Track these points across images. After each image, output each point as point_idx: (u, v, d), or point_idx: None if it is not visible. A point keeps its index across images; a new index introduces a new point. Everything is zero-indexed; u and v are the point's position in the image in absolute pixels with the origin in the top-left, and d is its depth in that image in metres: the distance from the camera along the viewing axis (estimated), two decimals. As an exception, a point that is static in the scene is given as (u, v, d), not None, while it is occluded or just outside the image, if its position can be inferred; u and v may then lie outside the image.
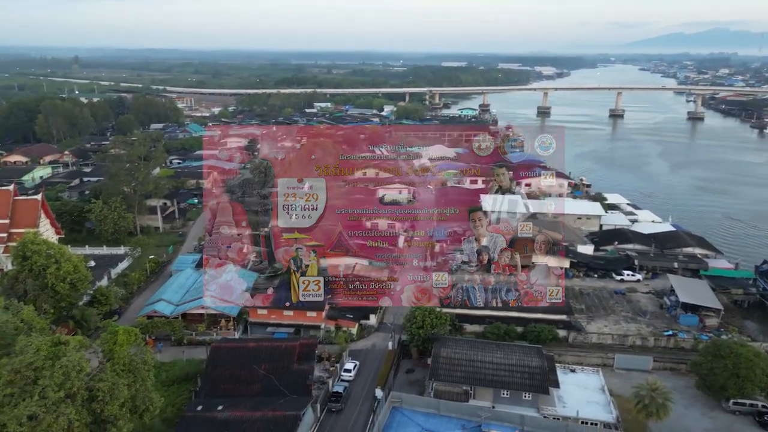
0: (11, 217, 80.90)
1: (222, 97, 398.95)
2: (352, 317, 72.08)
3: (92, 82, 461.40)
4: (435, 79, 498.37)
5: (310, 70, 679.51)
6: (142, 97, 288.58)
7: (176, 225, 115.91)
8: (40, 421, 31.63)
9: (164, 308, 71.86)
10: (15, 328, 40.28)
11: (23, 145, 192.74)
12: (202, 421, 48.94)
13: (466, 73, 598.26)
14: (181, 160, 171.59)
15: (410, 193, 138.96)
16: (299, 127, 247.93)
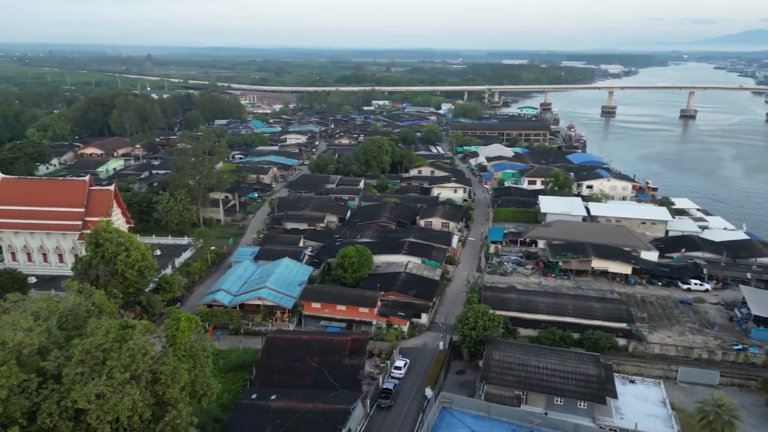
0: (86, 206, 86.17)
1: (283, 95, 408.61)
2: (404, 315, 72.12)
3: (163, 79, 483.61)
4: (495, 77, 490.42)
5: (369, 67, 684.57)
6: (208, 94, 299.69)
7: (237, 218, 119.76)
8: (107, 400, 33.51)
9: (223, 298, 74.47)
10: (87, 311, 42.88)
11: (99, 138, 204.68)
12: (256, 409, 50.40)
13: (528, 70, 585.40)
14: (242, 156, 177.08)
15: (466, 192, 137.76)
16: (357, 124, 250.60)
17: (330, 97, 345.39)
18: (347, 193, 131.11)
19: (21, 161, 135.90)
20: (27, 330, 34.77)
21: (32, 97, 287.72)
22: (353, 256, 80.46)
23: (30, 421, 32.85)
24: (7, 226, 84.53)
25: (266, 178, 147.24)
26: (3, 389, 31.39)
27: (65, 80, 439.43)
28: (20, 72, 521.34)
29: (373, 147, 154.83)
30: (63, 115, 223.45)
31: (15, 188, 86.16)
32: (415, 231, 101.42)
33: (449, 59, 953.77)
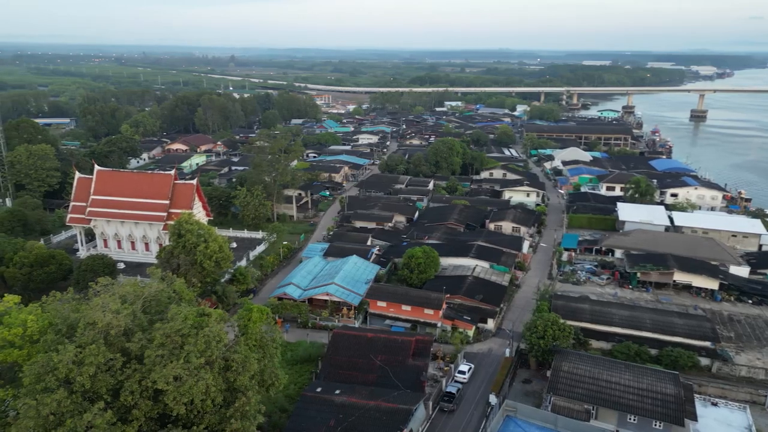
0: (171, 199, 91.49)
1: (357, 95, 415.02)
2: (470, 319, 71.15)
3: (244, 79, 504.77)
4: (574, 78, 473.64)
5: (443, 68, 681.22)
6: (286, 94, 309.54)
7: (308, 215, 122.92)
8: (184, 383, 35.41)
9: (293, 292, 76.65)
10: (168, 297, 45.47)
11: (184, 134, 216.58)
12: (320, 402, 51.48)
13: (610, 72, 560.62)
14: (316, 154, 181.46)
15: (539, 196, 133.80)
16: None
17: (403, 98, 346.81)
18: (416, 194, 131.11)
19: (115, 155, 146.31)
20: (115, 312, 37.32)
21: (127, 96, 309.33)
22: (420, 257, 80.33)
23: (114, 398, 35.25)
24: (101, 215, 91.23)
25: (338, 177, 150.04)
26: (91, 366, 33.88)
27: (157, 80, 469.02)
28: (117, 72, 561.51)
29: (443, 148, 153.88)
30: (153, 112, 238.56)
31: (109, 180, 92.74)
32: (484, 234, 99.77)
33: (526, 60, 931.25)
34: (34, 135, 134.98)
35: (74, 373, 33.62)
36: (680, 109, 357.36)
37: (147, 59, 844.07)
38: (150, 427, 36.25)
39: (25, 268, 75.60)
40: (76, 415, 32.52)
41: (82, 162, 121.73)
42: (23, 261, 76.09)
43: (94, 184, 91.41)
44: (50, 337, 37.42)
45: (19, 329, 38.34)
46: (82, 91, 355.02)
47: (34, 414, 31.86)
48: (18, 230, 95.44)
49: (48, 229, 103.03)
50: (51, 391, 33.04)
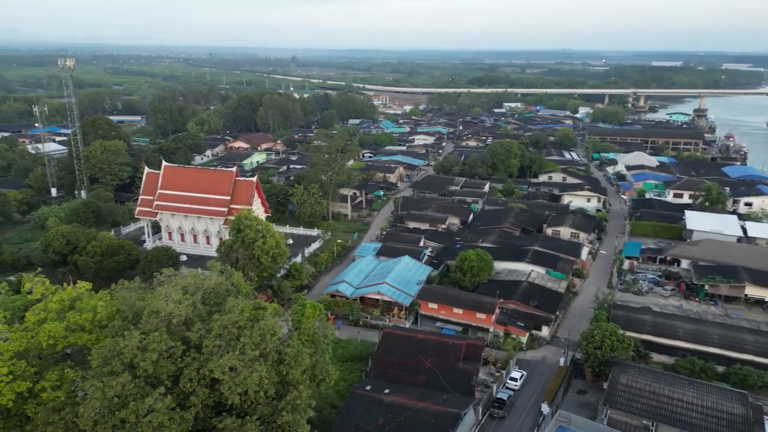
0: (232, 195, 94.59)
1: (414, 96, 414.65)
2: (523, 326, 69.58)
3: (304, 79, 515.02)
4: (641, 79, 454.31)
5: (503, 69, 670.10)
6: (344, 94, 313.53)
7: (363, 214, 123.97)
8: (239, 373, 36.52)
9: (345, 289, 77.54)
10: (226, 290, 46.98)
11: (246, 133, 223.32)
12: (369, 400, 51.78)
13: (681, 73, 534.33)
14: (372, 154, 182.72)
15: (600, 201, 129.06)
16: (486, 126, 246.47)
17: (460, 99, 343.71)
18: (471, 196, 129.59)
19: (181, 151, 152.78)
20: (177, 302, 38.92)
21: (193, 95, 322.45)
22: (473, 260, 79.33)
23: (173, 384, 36.79)
24: (167, 208, 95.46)
25: (392, 177, 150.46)
26: (154, 352, 35.50)
27: (222, 80, 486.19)
28: (185, 72, 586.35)
29: (501, 150, 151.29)
30: (218, 111, 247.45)
31: (175, 175, 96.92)
32: (541, 239, 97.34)
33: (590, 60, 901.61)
34: (109, 131, 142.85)
35: (138, 358, 35.31)
36: (757, 113, 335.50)
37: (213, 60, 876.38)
38: (206, 414, 37.57)
39: (96, 257, 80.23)
40: (138, 398, 34.14)
41: (150, 158, 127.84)
42: (95, 250, 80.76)
43: (161, 179, 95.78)
44: (117, 323, 39.47)
45: (90, 314, 40.63)
46: (153, 90, 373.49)
47: (101, 395, 33.68)
48: (91, 221, 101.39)
49: (118, 220, 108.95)
50: (116, 375, 34.84)
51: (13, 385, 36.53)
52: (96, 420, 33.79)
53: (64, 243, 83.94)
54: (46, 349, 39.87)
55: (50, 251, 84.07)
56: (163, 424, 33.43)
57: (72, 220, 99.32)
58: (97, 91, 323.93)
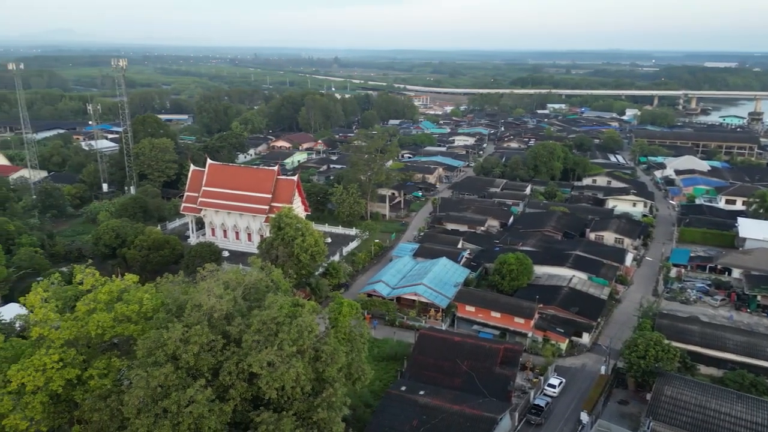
0: (273, 193, 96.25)
1: (455, 96, 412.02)
2: (563, 332, 68.07)
3: (346, 79, 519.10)
4: (693, 81, 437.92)
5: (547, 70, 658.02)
6: (385, 95, 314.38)
7: (400, 214, 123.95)
8: (276, 369, 37.11)
9: (382, 289, 77.68)
10: (266, 286, 47.84)
11: (288, 132, 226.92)
12: (404, 401, 51.74)
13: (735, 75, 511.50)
14: (411, 155, 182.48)
15: (647, 206, 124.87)
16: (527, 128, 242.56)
17: (502, 100, 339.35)
18: (511, 198, 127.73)
19: (225, 150, 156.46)
20: (218, 297, 39.86)
21: (238, 95, 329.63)
22: (512, 264, 78.15)
23: (213, 377, 37.70)
24: (211, 205, 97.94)
25: (431, 178, 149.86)
26: (196, 345, 36.46)
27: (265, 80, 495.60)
28: (231, 72, 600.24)
29: (543, 152, 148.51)
30: (261, 111, 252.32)
31: (219, 173, 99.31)
32: (584, 244, 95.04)
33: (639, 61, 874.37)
34: (157, 129, 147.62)
35: (181, 350, 36.33)
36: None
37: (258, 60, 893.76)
38: (244, 408, 38.33)
39: (143, 250, 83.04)
40: (180, 389, 35.13)
41: (196, 155, 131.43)
42: (142, 244, 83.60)
43: (205, 177, 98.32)
44: (162, 316, 40.72)
45: (136, 306, 42.05)
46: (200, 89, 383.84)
47: (145, 384, 34.82)
48: (139, 216, 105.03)
49: (164, 216, 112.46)
50: (160, 365, 35.94)
51: (63, 372, 38.17)
52: (140, 408, 34.95)
53: (113, 236, 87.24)
54: (95, 338, 41.50)
55: (100, 244, 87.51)
56: (203, 415, 34.28)
57: (121, 214, 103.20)
58: (147, 90, 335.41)
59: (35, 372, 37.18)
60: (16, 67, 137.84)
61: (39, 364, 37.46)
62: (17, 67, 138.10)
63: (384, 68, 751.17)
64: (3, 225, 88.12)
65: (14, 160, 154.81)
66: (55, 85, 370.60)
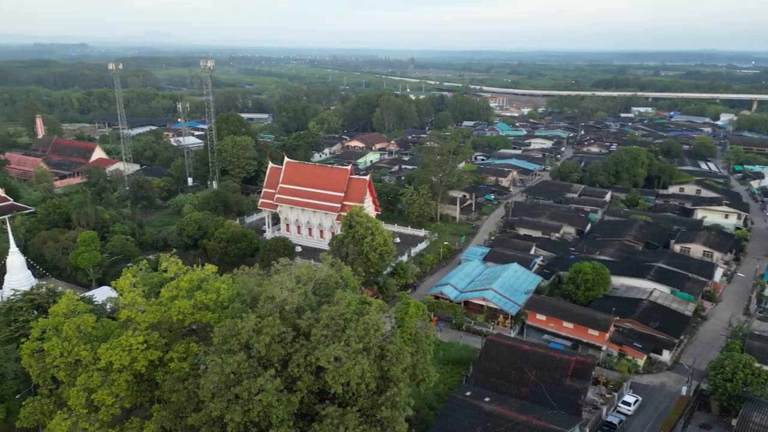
0: (346, 192, 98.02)
1: (533, 98, 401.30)
2: (642, 347, 64.49)
3: (421, 81, 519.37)
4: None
5: (633, 71, 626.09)
6: (460, 96, 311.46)
7: (471, 217, 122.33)
8: (342, 364, 37.68)
9: (450, 292, 77.01)
10: (335, 283, 48.68)
11: (362, 133, 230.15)
12: (468, 406, 50.98)
13: None
14: (484, 157, 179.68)
15: (741, 219, 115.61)
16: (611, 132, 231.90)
17: (583, 102, 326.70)
18: (589, 205, 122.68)
19: (302, 148, 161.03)
20: (290, 290, 41.02)
21: (316, 95, 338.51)
22: (588, 273, 75.00)
23: (283, 368, 38.82)
24: (286, 201, 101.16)
25: (505, 182, 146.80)
26: (267, 336, 37.72)
27: (342, 81, 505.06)
28: (309, 73, 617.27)
29: (626, 157, 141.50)
30: (337, 111, 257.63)
31: (295, 171, 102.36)
32: (667, 256, 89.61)
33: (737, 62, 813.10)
34: (239, 128, 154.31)
35: (253, 339, 37.71)
36: None
37: (336, 61, 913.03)
38: (310, 400, 39.22)
39: (222, 243, 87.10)
40: (251, 377, 36.46)
41: (274, 153, 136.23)
42: (222, 236, 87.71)
43: (282, 174, 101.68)
44: (237, 306, 42.46)
45: (213, 295, 44.11)
46: (280, 89, 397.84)
47: (219, 370, 36.44)
48: (220, 209, 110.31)
49: (243, 210, 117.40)
50: (233, 353, 37.47)
51: (146, 353, 40.71)
52: (214, 392, 36.61)
53: (196, 228, 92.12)
54: (176, 323, 43.97)
55: (184, 235, 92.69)
56: (271, 404, 35.39)
57: (204, 207, 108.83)
58: (231, 90, 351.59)
59: (122, 351, 39.88)
60: (115, 68, 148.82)
61: (126, 344, 40.15)
62: (117, 68, 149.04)
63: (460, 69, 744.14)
64: (100, 213, 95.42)
65: (111, 153, 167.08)
66: (149, 85, 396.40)
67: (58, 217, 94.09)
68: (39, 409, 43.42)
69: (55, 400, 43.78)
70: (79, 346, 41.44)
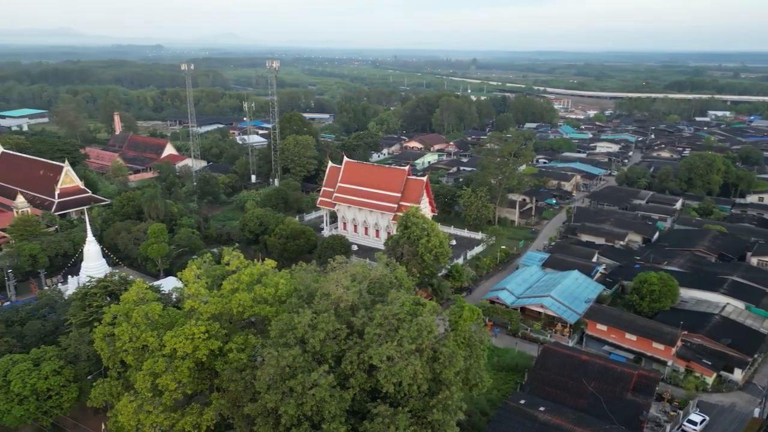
0: (402, 192, 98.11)
1: (600, 100, 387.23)
2: (711, 364, 60.87)
3: (483, 81, 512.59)
4: None
5: (711, 73, 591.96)
6: (523, 97, 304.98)
7: (531, 221, 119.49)
8: (395, 364, 37.75)
9: (506, 297, 75.52)
10: (390, 282, 48.86)
11: (421, 133, 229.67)
12: (522, 414, 49.86)
13: None
14: (547, 160, 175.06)
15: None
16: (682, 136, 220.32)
17: (654, 105, 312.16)
18: (658, 212, 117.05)
19: (361, 148, 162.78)
20: (345, 288, 41.56)
21: (376, 95, 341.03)
22: (655, 284, 71.55)
23: (336, 364, 39.36)
24: (344, 200, 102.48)
25: (567, 186, 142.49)
26: (322, 332, 38.35)
27: (403, 81, 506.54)
28: (371, 74, 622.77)
29: (700, 163, 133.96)
30: (397, 111, 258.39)
31: (353, 170, 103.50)
32: (743, 269, 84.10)
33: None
34: (301, 127, 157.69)
35: (308, 335, 38.44)
36: None
37: (397, 62, 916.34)
38: (362, 398, 39.54)
39: (282, 239, 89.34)
40: (305, 371, 37.17)
41: (334, 153, 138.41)
42: (281, 233, 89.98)
43: (341, 173, 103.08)
44: (294, 301, 43.42)
45: (272, 289, 45.33)
46: (341, 90, 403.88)
47: (275, 363, 37.37)
48: (280, 206, 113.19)
49: (302, 208, 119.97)
50: (289, 347, 38.33)
51: (208, 343, 42.37)
52: (269, 384, 37.59)
53: (257, 224, 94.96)
54: (236, 315, 45.52)
55: (246, 230, 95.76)
56: (324, 399, 35.94)
57: (265, 204, 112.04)
58: (295, 90, 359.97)
59: (185, 340, 41.69)
60: (187, 68, 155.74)
61: (189, 333, 41.94)
62: (188, 68, 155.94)
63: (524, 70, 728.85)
64: (169, 207, 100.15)
65: (181, 150, 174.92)
66: (217, 84, 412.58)
67: (131, 209, 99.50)
68: (108, 391, 46.14)
69: (123, 382, 46.35)
70: (147, 332, 43.67)
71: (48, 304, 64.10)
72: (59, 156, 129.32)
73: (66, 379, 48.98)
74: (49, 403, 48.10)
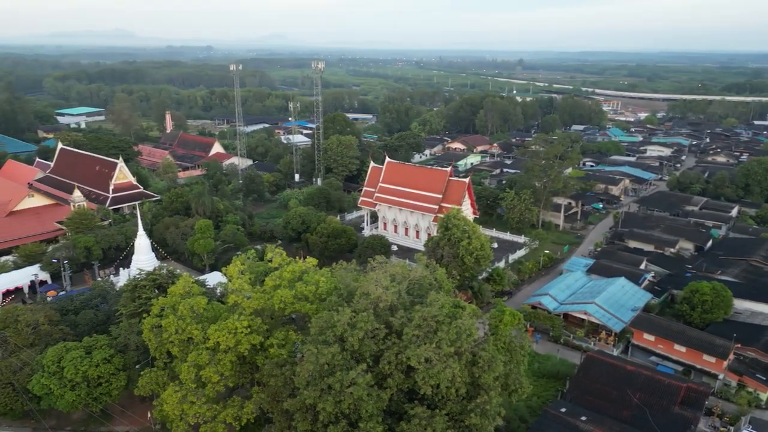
0: (444, 193, 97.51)
1: (652, 102, 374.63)
2: (765, 379, 57.90)
3: (529, 82, 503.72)
4: None
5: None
6: (570, 98, 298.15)
7: (576, 226, 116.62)
8: (433, 366, 37.59)
9: (549, 303, 73.93)
10: (429, 284, 48.65)
11: (464, 134, 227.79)
12: (562, 423, 48.69)
13: None
14: (594, 163, 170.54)
15: None
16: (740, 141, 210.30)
17: (710, 108, 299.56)
18: (712, 220, 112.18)
19: (403, 149, 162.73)
20: (385, 288, 41.64)
21: (420, 96, 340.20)
22: (707, 294, 68.59)
23: (374, 364, 39.49)
24: (385, 201, 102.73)
25: (615, 190, 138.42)
26: (361, 331, 38.55)
27: (447, 82, 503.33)
28: (415, 74, 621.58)
29: (759, 169, 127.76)
30: (440, 112, 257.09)
31: (395, 170, 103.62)
32: (804, 281, 79.60)
33: None
34: (344, 127, 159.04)
35: (347, 333, 38.72)
36: None
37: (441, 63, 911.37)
38: (400, 398, 39.55)
39: (323, 237, 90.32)
40: (344, 369, 37.46)
41: (376, 153, 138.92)
42: (323, 231, 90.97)
43: (383, 174, 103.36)
44: (333, 299, 43.85)
45: (313, 287, 45.91)
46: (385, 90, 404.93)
47: (314, 360, 37.83)
48: (322, 205, 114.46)
49: (344, 207, 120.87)
50: (328, 345, 38.71)
51: (249, 337, 43.29)
52: (308, 381, 38.08)
53: (300, 222, 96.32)
54: (277, 311, 46.33)
55: (289, 228, 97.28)
56: (361, 398, 36.13)
57: (308, 203, 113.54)
58: (339, 90, 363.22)
59: (228, 334, 42.72)
60: (235, 68, 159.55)
61: (232, 327, 42.96)
62: (236, 68, 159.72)
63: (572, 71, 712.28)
64: (215, 204, 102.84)
65: (228, 148, 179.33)
66: (264, 85, 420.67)
67: (180, 205, 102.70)
68: (154, 380, 47.80)
69: (169, 373, 47.92)
70: (192, 325, 44.99)
71: (100, 294, 66.90)
72: (114, 153, 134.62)
73: (115, 367, 51.00)
74: (99, 389, 50.18)
